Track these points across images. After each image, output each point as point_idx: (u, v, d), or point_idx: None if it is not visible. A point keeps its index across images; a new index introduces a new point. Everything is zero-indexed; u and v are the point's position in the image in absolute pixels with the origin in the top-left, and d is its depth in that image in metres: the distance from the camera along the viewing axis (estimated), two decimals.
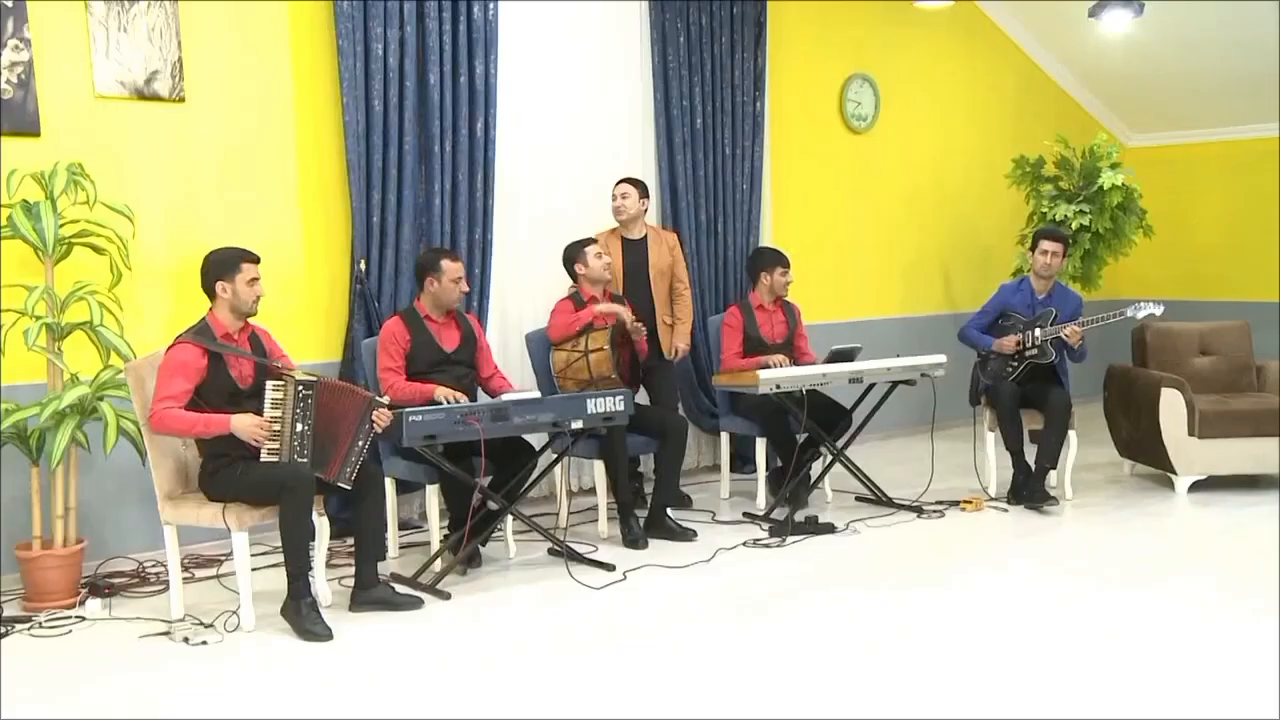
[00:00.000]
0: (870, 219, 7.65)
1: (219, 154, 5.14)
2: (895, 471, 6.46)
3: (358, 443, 4.13)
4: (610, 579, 4.63)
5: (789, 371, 5.38)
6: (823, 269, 7.35)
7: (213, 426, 4.00)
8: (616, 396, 4.73)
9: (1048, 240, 5.82)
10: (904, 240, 7.84)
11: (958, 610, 4.20)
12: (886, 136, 7.67)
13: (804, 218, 7.28)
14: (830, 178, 7.42)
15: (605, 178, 6.10)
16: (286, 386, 4.08)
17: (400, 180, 5.42)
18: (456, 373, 4.89)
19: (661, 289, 5.87)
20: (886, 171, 7.70)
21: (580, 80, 6.15)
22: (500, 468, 4.84)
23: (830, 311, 7.33)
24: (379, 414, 4.17)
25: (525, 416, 4.50)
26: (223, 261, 4.15)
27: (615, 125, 6.29)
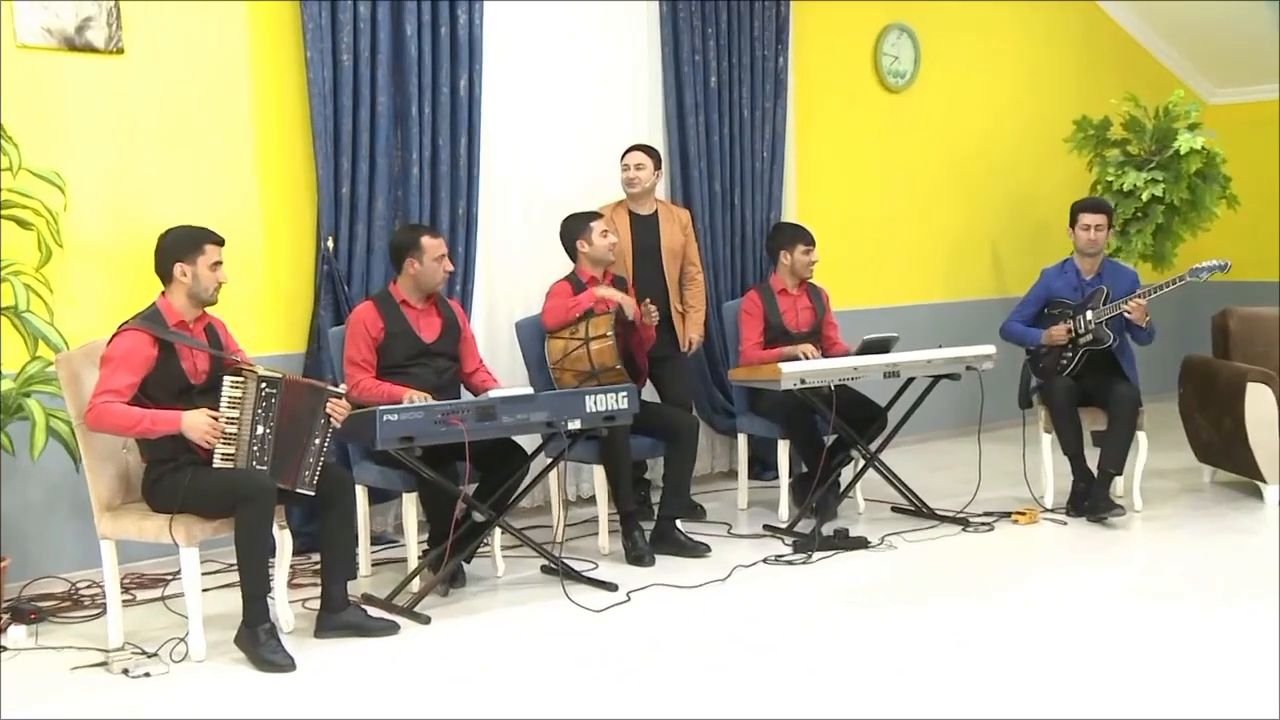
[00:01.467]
0: (909, 190, 7.62)
1: (163, 115, 5.12)
2: (937, 479, 6.44)
3: (314, 441, 4.10)
4: (612, 600, 4.62)
5: (815, 365, 5.36)
6: (854, 247, 7.33)
7: (160, 424, 3.98)
8: (620, 393, 4.71)
9: (1088, 213, 5.79)
10: (947, 215, 7.82)
11: (1009, 638, 4.16)
12: (927, 96, 7.64)
13: (833, 189, 7.25)
14: (863, 143, 7.39)
15: (606, 143, 6.08)
16: (247, 384, 4.07)
17: (373, 146, 5.40)
18: (437, 366, 4.87)
19: (674, 271, 5.87)
20: (927, 136, 7.67)
21: (578, 33, 6.13)
22: (487, 474, 4.82)
23: (862, 296, 7.31)
24: (334, 405, 4.14)
25: (515, 416, 4.49)
26: (183, 241, 4.15)
27: (618, 84, 6.27)
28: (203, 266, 4.13)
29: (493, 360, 5.62)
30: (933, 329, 7.32)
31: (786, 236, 5.95)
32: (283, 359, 5.26)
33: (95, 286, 4.95)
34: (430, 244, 4.82)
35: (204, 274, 4.13)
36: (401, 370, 4.81)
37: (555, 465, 5.03)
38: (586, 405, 4.64)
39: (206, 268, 4.13)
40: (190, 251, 4.13)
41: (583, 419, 4.63)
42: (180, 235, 4.17)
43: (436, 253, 4.83)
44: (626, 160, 5.78)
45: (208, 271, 4.14)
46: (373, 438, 4.26)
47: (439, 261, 4.83)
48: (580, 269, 5.46)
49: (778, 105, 6.71)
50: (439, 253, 4.83)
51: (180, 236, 4.17)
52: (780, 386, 5.26)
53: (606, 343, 5.11)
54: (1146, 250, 7.28)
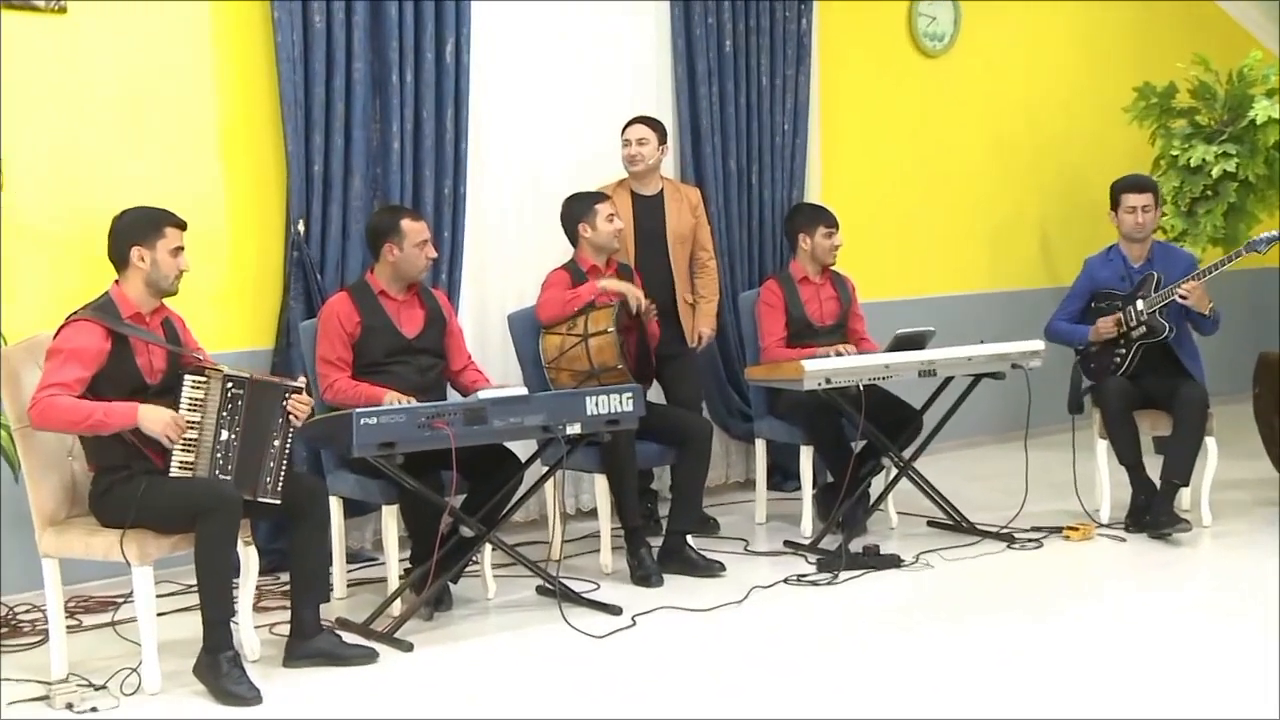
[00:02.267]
0: (947, 168, 7.61)
1: (113, 82, 5.10)
2: (978, 489, 6.43)
3: (274, 443, 4.09)
4: (616, 625, 4.62)
5: (841, 363, 5.35)
6: (885, 231, 7.32)
7: (114, 418, 3.97)
8: (624, 394, 4.70)
9: (1131, 193, 5.78)
10: (990, 195, 7.80)
11: (1060, 664, 4.14)
12: (968, 61, 7.62)
13: (862, 167, 7.23)
14: (896, 115, 7.37)
15: (608, 115, 6.07)
16: (210, 383, 4.07)
17: (348, 118, 5.39)
18: (420, 364, 4.87)
19: (682, 258, 5.86)
20: (968, 106, 7.65)
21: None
22: (476, 484, 4.82)
23: (894, 286, 7.30)
24: (293, 402, 4.13)
25: (508, 419, 4.48)
26: (141, 223, 4.14)
27: (622, 49, 6.26)
28: (162, 251, 4.12)
29: (482, 358, 5.60)
30: (973, 323, 7.27)
31: (805, 218, 5.94)
32: (248, 356, 5.25)
33: (38, 275, 4.94)
34: (411, 228, 4.81)
35: (164, 260, 4.12)
36: (380, 369, 4.80)
37: (552, 474, 5.01)
38: (587, 408, 4.63)
39: (167, 253, 4.12)
40: (149, 234, 4.12)
41: (583, 423, 4.62)
42: (138, 216, 4.16)
43: (418, 238, 4.81)
44: (627, 134, 5.77)
45: (168, 257, 4.12)
46: (348, 443, 4.25)
47: (420, 248, 4.82)
48: (580, 256, 5.45)
49: (800, 72, 6.69)
50: (420, 238, 4.82)
51: (138, 218, 4.16)
52: (803, 386, 5.25)
53: (608, 339, 5.10)
54: (1217, 233, 7.22)
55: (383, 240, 4.83)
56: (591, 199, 5.45)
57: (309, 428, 4.42)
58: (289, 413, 4.14)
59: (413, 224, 4.83)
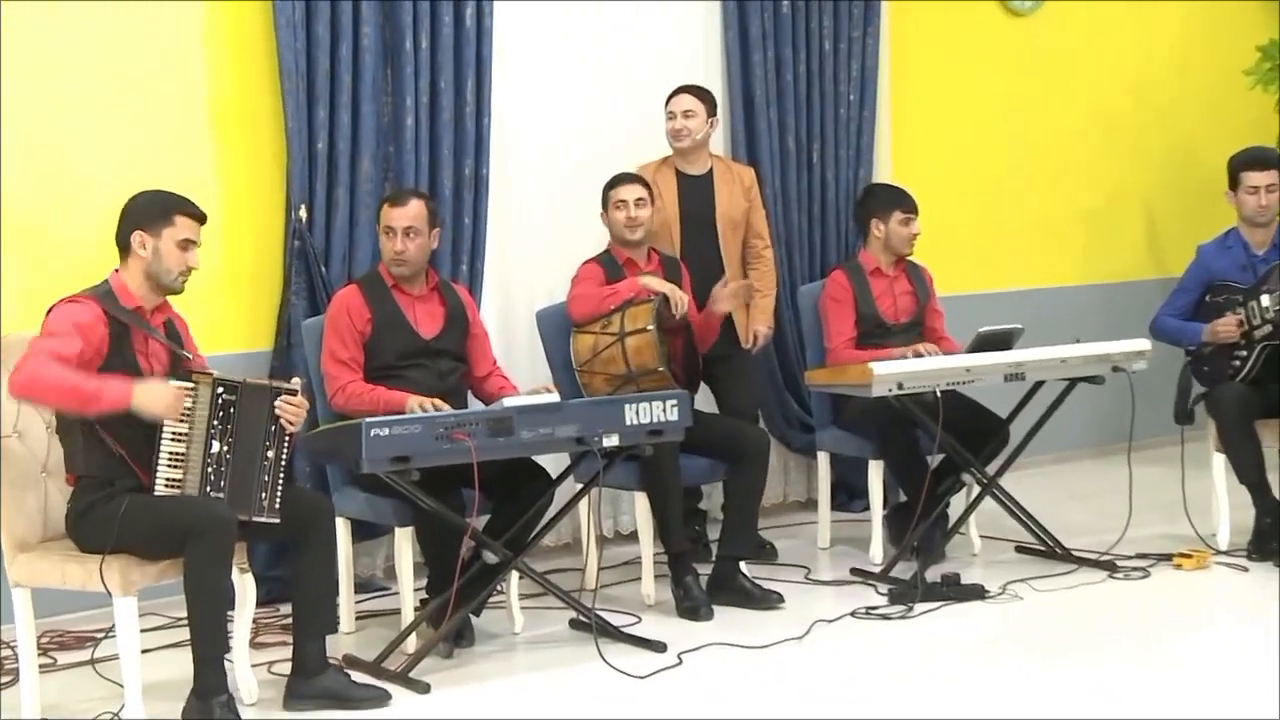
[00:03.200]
0: (1037, 143, 7.58)
1: (94, 52, 5.13)
2: (1074, 510, 6.39)
3: (266, 453, 4.10)
4: (660, 664, 4.61)
5: (916, 365, 5.32)
6: (965, 216, 7.29)
7: (108, 396, 3.92)
8: (668, 401, 4.69)
9: (1254, 169, 5.76)
10: (1088, 173, 7.77)
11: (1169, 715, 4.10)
12: (1063, 19, 7.59)
13: (938, 142, 7.22)
14: (978, 83, 7.35)
15: (651, 86, 6.07)
16: (199, 390, 4.07)
17: (356, 91, 5.41)
18: (440, 368, 4.88)
19: (734, 246, 5.85)
20: (1063, 71, 7.62)
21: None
22: (501, 503, 4.82)
23: (976, 278, 7.28)
24: (284, 405, 4.12)
25: (537, 430, 4.49)
26: (151, 207, 4.17)
27: (665, 10, 6.27)
28: (168, 241, 4.13)
29: (509, 360, 5.61)
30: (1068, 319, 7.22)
31: (880, 201, 5.92)
32: (243, 359, 5.27)
33: (12, 270, 4.96)
34: (385, 211, 4.90)
35: (168, 252, 4.13)
36: (394, 373, 4.82)
37: (587, 493, 5.01)
38: (626, 416, 4.62)
39: (173, 244, 4.13)
40: (156, 220, 4.13)
41: (622, 434, 4.62)
42: (150, 200, 4.19)
43: (383, 221, 4.89)
44: (672, 106, 5.76)
45: (173, 249, 4.13)
46: (357, 457, 4.25)
47: (387, 237, 4.87)
48: (613, 246, 5.46)
49: (868, 35, 6.68)
50: (384, 222, 4.89)
51: (149, 201, 4.18)
52: (871, 392, 5.22)
53: (646, 338, 5.10)
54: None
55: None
56: (613, 181, 5.47)
57: (312, 440, 4.44)
58: (279, 416, 4.14)
59: (387, 208, 4.90)
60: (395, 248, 4.86)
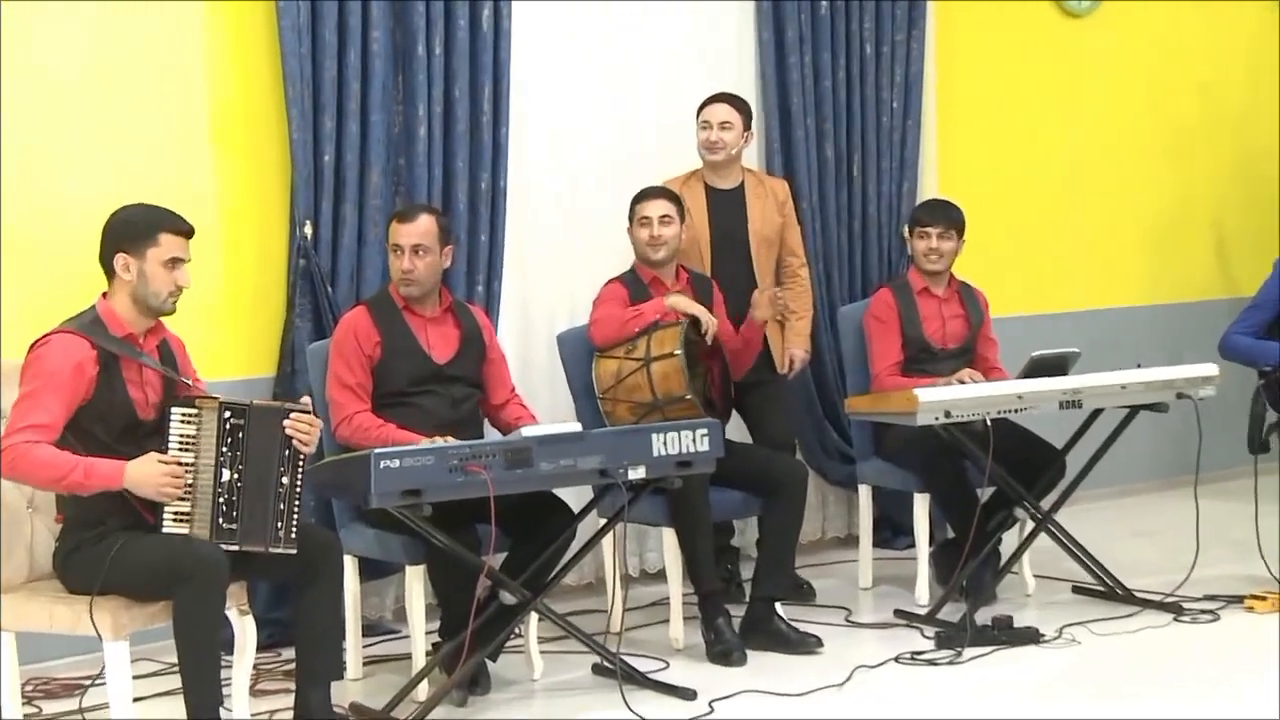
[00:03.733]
0: (1096, 153, 7.57)
1: (86, 56, 5.15)
2: (1136, 548, 6.38)
3: (280, 479, 4.11)
4: (690, 712, 4.60)
5: (964, 391, 5.32)
6: (1018, 232, 7.29)
7: (95, 478, 3.96)
8: (698, 430, 4.69)
9: None
10: (1152, 186, 7.75)
11: None
12: (1124, 20, 7.58)
13: (989, 152, 7.22)
14: (1032, 89, 7.35)
15: (681, 93, 6.09)
16: (203, 416, 4.07)
17: (365, 99, 5.43)
18: (453, 395, 4.90)
19: (767, 265, 5.87)
20: (1123, 77, 7.62)
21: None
22: (519, 540, 4.83)
23: (1030, 298, 7.27)
24: (294, 424, 4.12)
25: (557, 462, 4.48)
26: (134, 224, 4.14)
27: (695, 12, 6.29)
28: (153, 263, 4.10)
29: (527, 387, 5.62)
30: (1129, 343, 7.25)
31: (913, 214, 5.99)
32: (244, 385, 5.28)
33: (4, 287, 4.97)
34: (393, 228, 4.91)
35: (154, 274, 4.10)
36: (404, 400, 4.84)
37: (611, 528, 5.01)
38: (653, 447, 4.62)
39: (159, 265, 4.11)
40: (138, 240, 4.10)
41: (648, 465, 4.61)
42: (130, 217, 4.15)
43: (392, 239, 4.90)
44: (706, 115, 5.77)
45: (160, 270, 4.11)
46: (365, 491, 4.25)
47: (395, 255, 4.89)
48: (639, 265, 5.48)
49: (912, 37, 6.68)
50: (392, 239, 4.90)
51: (130, 219, 4.14)
52: (916, 421, 5.21)
53: (673, 364, 5.10)
54: None
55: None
56: (637, 195, 5.49)
57: (317, 473, 4.44)
58: (291, 438, 4.15)
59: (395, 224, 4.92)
60: (403, 266, 4.87)
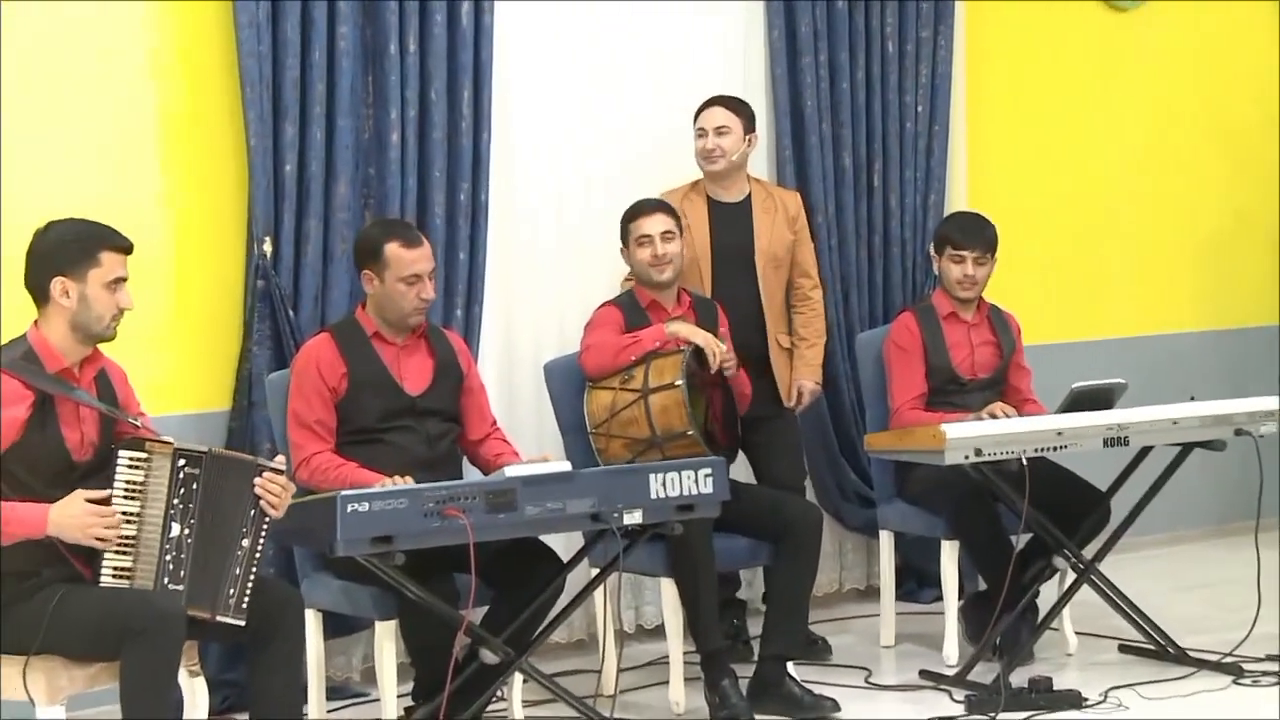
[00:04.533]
0: (1143, 163, 7.58)
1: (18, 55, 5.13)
2: (1190, 602, 6.39)
3: (241, 541, 4.09)
4: None
5: (996, 427, 5.32)
6: (1056, 250, 7.30)
7: (15, 526, 3.96)
8: (700, 470, 4.69)
9: None
10: (1206, 199, 7.76)
11: None
12: (1174, 17, 7.60)
13: (1024, 161, 7.23)
14: (1072, 91, 7.36)
15: (681, 96, 6.09)
16: (153, 461, 4.07)
17: (331, 102, 5.44)
18: (428, 431, 4.90)
19: (776, 286, 5.88)
20: (1174, 76, 7.64)
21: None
22: (502, 592, 4.83)
23: (1070, 324, 7.29)
24: (265, 485, 4.12)
25: (544, 505, 4.48)
26: (69, 245, 4.11)
27: (697, 7, 6.29)
28: (95, 285, 4.09)
29: (511, 421, 5.63)
30: (1180, 373, 7.26)
31: (940, 232, 6.00)
32: (195, 421, 5.29)
33: None
34: (398, 255, 4.83)
35: (97, 297, 4.09)
36: (374, 438, 4.83)
37: (604, 579, 5.01)
38: (651, 489, 4.61)
39: (101, 287, 4.10)
40: (79, 261, 4.08)
41: (645, 509, 4.61)
42: (65, 235, 4.12)
43: (405, 269, 4.82)
44: (701, 122, 5.77)
45: (102, 293, 4.10)
46: (330, 538, 4.25)
47: (410, 285, 4.83)
48: (637, 287, 5.49)
49: (939, 34, 6.70)
50: (410, 270, 4.83)
51: (64, 237, 4.11)
52: (944, 460, 5.21)
53: (674, 396, 5.11)
54: None
55: (364, 265, 4.89)
56: (631, 211, 5.49)
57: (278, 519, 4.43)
58: (259, 499, 4.14)
59: (403, 250, 4.83)
60: (425, 295, 4.86)
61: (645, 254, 5.40)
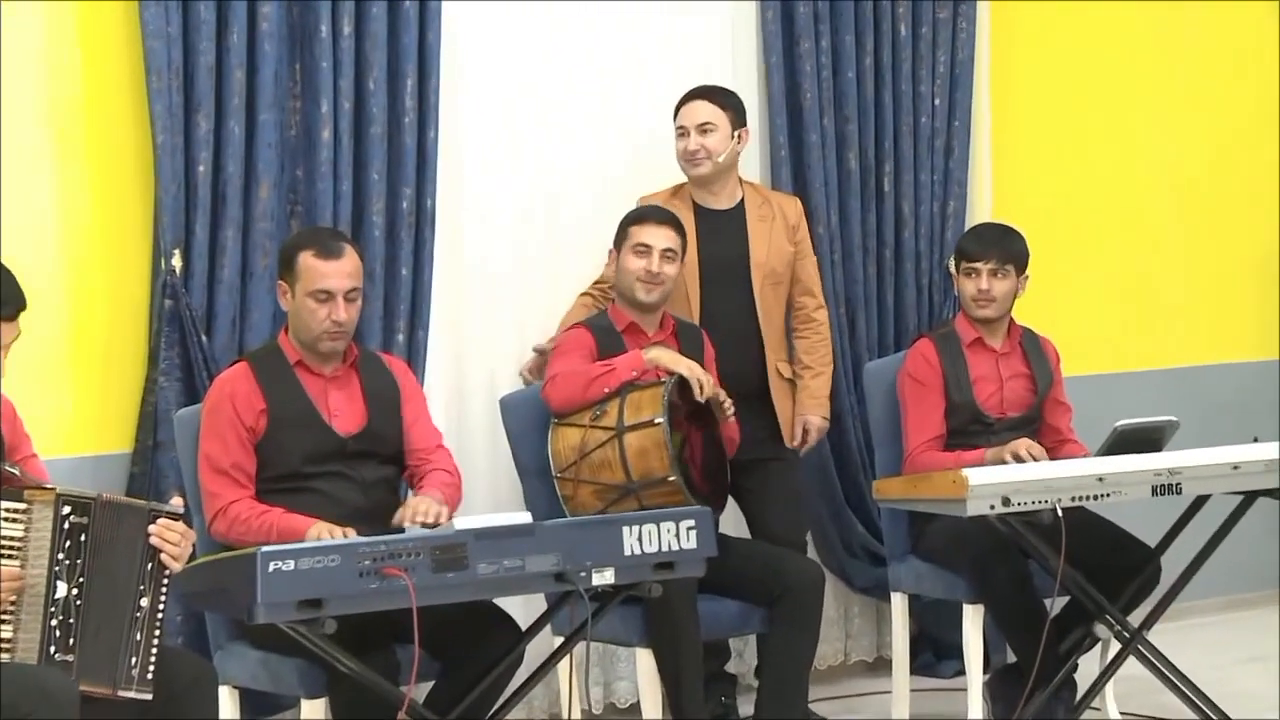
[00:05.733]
0: (1196, 167, 7.63)
1: None
2: (1251, 675, 6.45)
3: (139, 602, 4.07)
4: None
5: (1025, 472, 5.31)
6: (1096, 268, 7.35)
7: None
8: (683, 521, 4.67)
9: None
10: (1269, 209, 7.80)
11: None
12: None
13: (1057, 164, 7.28)
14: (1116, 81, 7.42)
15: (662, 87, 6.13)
16: (33, 512, 4.05)
17: (251, 92, 5.45)
18: (363, 477, 4.91)
19: (774, 307, 5.93)
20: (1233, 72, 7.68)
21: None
22: (451, 665, 4.83)
23: (1112, 353, 7.35)
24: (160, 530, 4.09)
25: (500, 563, 4.45)
26: None
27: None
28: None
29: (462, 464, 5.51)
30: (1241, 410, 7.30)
31: (957, 247, 6.06)
32: (92, 466, 5.29)
33: None
34: (309, 265, 4.82)
35: None
36: (299, 485, 4.84)
37: (570, 650, 4.99)
38: (625, 544, 4.59)
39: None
40: None
41: (618, 568, 4.59)
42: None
43: (315, 283, 4.82)
44: (682, 118, 5.80)
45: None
46: (248, 602, 4.22)
47: (320, 303, 4.81)
48: (614, 306, 5.51)
49: (959, 16, 6.74)
50: (320, 284, 4.81)
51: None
52: (966, 510, 5.19)
53: (653, 435, 5.11)
54: None
55: (279, 277, 4.92)
56: (637, 215, 5.53)
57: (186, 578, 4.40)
58: (156, 550, 4.12)
59: (316, 261, 4.81)
60: (336, 317, 4.82)
61: (639, 265, 5.40)
